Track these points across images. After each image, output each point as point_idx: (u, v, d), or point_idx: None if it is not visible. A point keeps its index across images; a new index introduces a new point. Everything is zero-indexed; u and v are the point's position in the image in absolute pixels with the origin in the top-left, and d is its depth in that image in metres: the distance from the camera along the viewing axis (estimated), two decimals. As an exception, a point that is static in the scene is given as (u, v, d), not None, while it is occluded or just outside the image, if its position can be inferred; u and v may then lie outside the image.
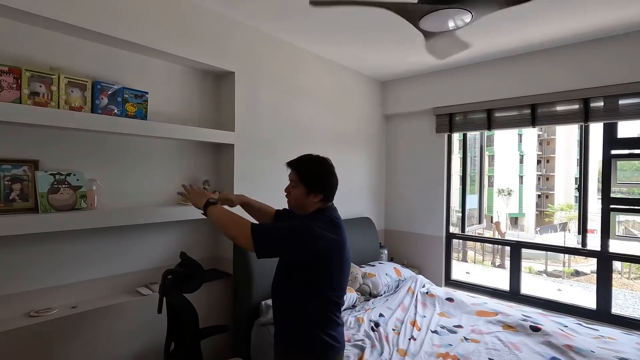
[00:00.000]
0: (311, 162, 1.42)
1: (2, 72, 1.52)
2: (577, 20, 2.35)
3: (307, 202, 1.39)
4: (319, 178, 1.38)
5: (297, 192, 1.39)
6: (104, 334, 1.82)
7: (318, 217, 1.34)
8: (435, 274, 3.55)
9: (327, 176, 1.40)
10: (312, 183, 1.37)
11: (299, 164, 1.42)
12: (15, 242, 1.66)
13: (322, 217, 1.35)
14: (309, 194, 1.37)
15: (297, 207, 1.43)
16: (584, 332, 2.25)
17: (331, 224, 1.33)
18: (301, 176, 1.39)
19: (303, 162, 1.42)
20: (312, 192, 1.37)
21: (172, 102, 2.24)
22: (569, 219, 19.65)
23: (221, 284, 2.36)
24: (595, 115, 2.71)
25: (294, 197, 1.41)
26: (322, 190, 1.38)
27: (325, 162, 1.43)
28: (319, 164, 1.42)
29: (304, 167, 1.40)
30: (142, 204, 2.10)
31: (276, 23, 2.48)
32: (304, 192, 1.37)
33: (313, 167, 1.40)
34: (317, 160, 1.42)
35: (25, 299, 1.69)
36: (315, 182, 1.37)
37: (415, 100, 3.64)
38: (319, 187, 1.37)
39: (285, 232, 1.26)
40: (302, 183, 1.38)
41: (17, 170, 1.64)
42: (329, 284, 1.33)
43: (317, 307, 1.33)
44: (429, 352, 2.02)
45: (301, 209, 1.42)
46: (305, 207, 1.41)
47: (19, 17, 1.60)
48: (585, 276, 12.67)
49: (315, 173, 1.39)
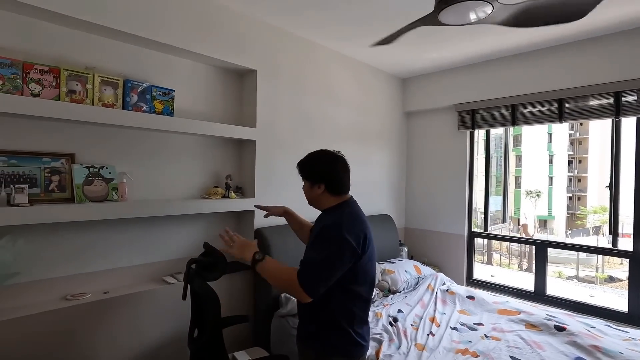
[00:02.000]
0: (308, 155, 1.48)
1: (43, 72, 1.64)
2: (608, 11, 2.27)
3: (315, 195, 1.43)
4: (313, 167, 1.43)
5: (305, 187, 1.46)
6: (132, 319, 1.92)
7: (339, 216, 1.35)
8: (456, 273, 3.49)
9: (321, 164, 1.42)
10: (309, 174, 1.43)
11: (301, 162, 1.48)
12: (53, 230, 1.78)
13: (342, 214, 1.36)
14: (312, 186, 1.42)
15: (311, 202, 1.47)
16: (613, 333, 2.16)
17: (352, 219, 1.35)
18: (301, 171, 1.46)
19: (303, 159, 1.48)
20: (315, 183, 1.41)
21: (197, 100, 2.33)
22: (602, 222, 18.70)
23: (242, 275, 2.43)
24: (627, 110, 2.60)
25: (305, 192, 1.47)
26: (322, 179, 1.40)
27: (320, 152, 1.47)
28: (313, 154, 1.47)
29: (302, 163, 1.47)
30: (169, 197, 2.20)
31: (296, 21, 2.53)
32: (308, 186, 1.44)
33: (307, 159, 1.47)
34: (313, 153, 1.48)
35: (61, 283, 1.82)
36: (312, 172, 1.43)
37: (437, 96, 3.60)
38: (317, 176, 1.41)
39: (327, 262, 1.25)
40: (304, 177, 1.46)
41: (56, 163, 1.77)
42: (354, 278, 1.32)
43: (342, 303, 1.33)
44: (447, 348, 2.01)
45: (317, 203, 1.46)
46: (318, 201, 1.45)
47: (58, 20, 1.72)
48: (621, 282, 12.02)
49: (310, 163, 1.45)
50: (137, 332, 1.94)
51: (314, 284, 1.24)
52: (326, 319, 1.35)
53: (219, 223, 2.48)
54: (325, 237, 1.30)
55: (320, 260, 1.26)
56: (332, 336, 1.34)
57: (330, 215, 1.40)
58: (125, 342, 1.90)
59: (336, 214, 1.38)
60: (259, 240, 2.41)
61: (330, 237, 1.29)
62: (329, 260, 1.25)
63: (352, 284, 1.33)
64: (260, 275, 1.32)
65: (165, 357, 2.04)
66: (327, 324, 1.35)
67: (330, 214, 1.41)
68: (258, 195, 2.48)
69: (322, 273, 1.25)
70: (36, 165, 1.70)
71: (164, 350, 2.04)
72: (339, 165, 1.44)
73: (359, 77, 3.33)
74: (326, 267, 1.25)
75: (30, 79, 1.61)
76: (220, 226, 2.49)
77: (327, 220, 1.37)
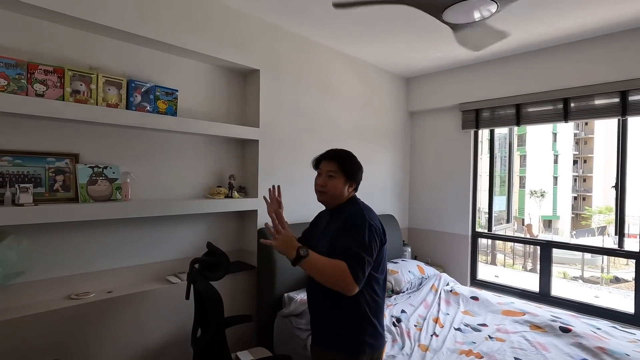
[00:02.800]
0: (348, 153, 1.51)
1: (48, 72, 1.65)
2: (614, 9, 2.24)
3: (344, 191, 1.45)
4: (357, 168, 1.48)
5: (336, 182, 1.44)
6: (135, 318, 1.93)
7: (358, 207, 1.43)
8: (460, 273, 3.48)
9: (361, 167, 1.51)
10: (351, 173, 1.45)
11: (338, 155, 1.49)
12: (58, 230, 1.79)
13: (359, 205, 1.45)
14: (345, 184, 1.45)
15: (333, 197, 1.47)
16: (619, 335, 2.14)
17: (370, 209, 1.46)
18: (342, 166, 1.45)
19: (342, 154, 1.50)
20: (350, 181, 1.45)
21: (200, 100, 2.34)
22: (608, 223, 18.54)
23: (245, 275, 2.43)
24: (633, 109, 2.57)
25: (333, 187, 1.44)
26: (357, 180, 1.48)
27: (350, 152, 1.54)
28: (354, 156, 1.52)
29: (344, 158, 1.48)
30: (172, 197, 2.20)
31: (299, 21, 2.52)
32: (343, 181, 1.44)
33: (352, 158, 1.50)
34: (351, 153, 1.52)
35: (66, 282, 1.83)
36: (354, 172, 1.47)
37: (441, 96, 3.58)
38: (356, 177, 1.47)
39: (366, 248, 1.29)
40: (342, 173, 1.44)
41: (60, 162, 1.78)
42: (377, 266, 1.37)
43: (369, 292, 1.35)
44: (451, 349, 2.00)
45: (337, 198, 1.47)
46: (341, 197, 1.47)
47: (62, 20, 1.73)
48: (626, 283, 11.91)
49: (355, 163, 1.49)
50: (140, 332, 1.95)
51: (362, 272, 1.26)
52: (354, 312, 1.34)
53: (222, 223, 2.48)
54: (356, 224, 1.33)
55: (360, 247, 1.28)
56: (362, 331, 1.34)
57: (347, 208, 1.44)
58: (129, 341, 1.91)
59: (354, 206, 1.44)
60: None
61: (361, 224, 1.32)
62: (369, 246, 1.29)
63: (376, 271, 1.37)
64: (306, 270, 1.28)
65: (168, 357, 2.05)
66: (356, 319, 1.35)
67: (345, 207, 1.45)
68: (261, 195, 2.47)
69: (365, 260, 1.27)
70: (41, 165, 1.71)
71: (167, 350, 2.05)
72: None
73: (362, 76, 3.32)
74: (367, 253, 1.28)
75: (34, 79, 1.61)
76: (224, 226, 2.50)
77: (346, 212, 1.42)
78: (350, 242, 1.30)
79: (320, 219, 1.61)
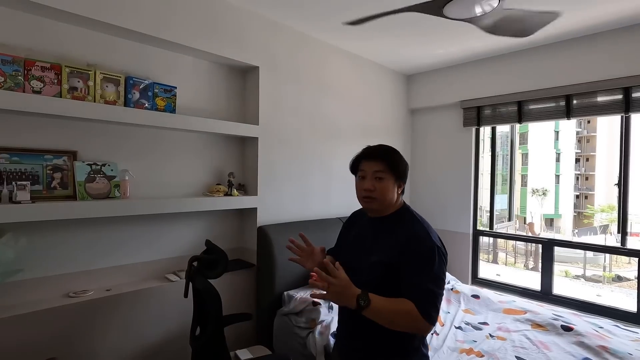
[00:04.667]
0: (393, 149, 1.28)
1: (45, 69, 1.64)
2: (617, 5, 2.21)
3: (394, 195, 1.23)
4: (406, 165, 1.26)
5: (386, 184, 1.21)
6: (134, 316, 1.92)
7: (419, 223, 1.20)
8: (461, 271, 3.46)
9: (407, 164, 1.28)
10: (401, 172, 1.23)
11: (384, 152, 1.25)
12: (56, 227, 1.78)
13: (419, 219, 1.22)
14: (395, 185, 1.23)
15: (383, 203, 1.23)
16: (621, 334, 2.12)
17: (428, 223, 1.23)
18: (391, 165, 1.22)
19: (388, 150, 1.26)
20: (399, 181, 1.24)
21: (199, 97, 2.32)
22: (610, 221, 18.46)
23: (245, 274, 2.42)
24: (637, 106, 2.55)
25: (383, 190, 1.21)
26: (405, 180, 1.26)
27: (390, 146, 1.31)
28: (390, 147, 1.28)
29: (392, 154, 1.25)
30: (171, 195, 2.19)
31: (299, 17, 2.50)
32: (393, 183, 1.22)
33: (399, 154, 1.26)
34: (387, 146, 1.29)
35: (64, 280, 1.82)
36: (404, 170, 1.24)
37: (442, 93, 3.56)
38: (405, 176, 1.25)
39: (439, 281, 1.10)
40: (391, 173, 1.22)
41: (58, 160, 1.77)
42: None
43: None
44: (452, 347, 1.98)
45: (387, 205, 1.24)
46: (392, 202, 1.24)
47: (59, 16, 1.71)
48: (629, 282, 11.86)
49: (403, 160, 1.26)
50: (139, 330, 1.94)
51: (435, 311, 1.07)
52: (399, 342, 1.15)
53: (222, 221, 2.47)
54: (425, 252, 1.11)
55: (432, 282, 1.08)
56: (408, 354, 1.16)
57: (403, 220, 1.22)
58: (128, 339, 1.90)
59: (414, 222, 1.20)
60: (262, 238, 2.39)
61: (430, 251, 1.11)
62: (440, 278, 1.10)
63: None
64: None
65: (167, 355, 2.04)
66: (399, 348, 1.16)
67: (400, 219, 1.23)
68: (261, 193, 2.46)
69: (438, 296, 1.09)
70: (38, 163, 1.70)
71: (166, 348, 2.04)
72: None
73: (363, 73, 3.30)
74: (440, 287, 1.10)
75: (32, 76, 1.60)
76: (223, 224, 2.49)
77: (404, 227, 1.19)
78: (421, 277, 1.08)
79: (361, 225, 1.35)
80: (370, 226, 1.29)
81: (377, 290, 1.07)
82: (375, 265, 1.17)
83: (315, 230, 2.61)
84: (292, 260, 1.28)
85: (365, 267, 1.19)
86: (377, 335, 1.12)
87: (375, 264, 1.17)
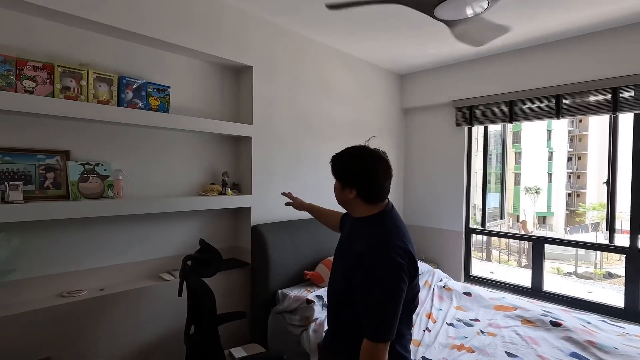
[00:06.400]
0: (344, 151, 1.27)
1: (37, 68, 1.63)
2: (606, 5, 2.25)
3: (346, 199, 1.22)
4: (348, 167, 1.22)
5: (336, 186, 1.26)
6: (128, 316, 1.93)
7: (381, 234, 1.14)
8: (454, 269, 3.50)
9: (359, 165, 1.20)
10: (342, 174, 1.23)
11: (334, 158, 1.28)
12: (49, 227, 1.78)
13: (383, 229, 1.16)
14: (343, 189, 1.22)
15: (341, 204, 1.28)
16: (608, 329, 2.17)
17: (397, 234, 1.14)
18: (334, 167, 1.26)
19: (337, 156, 1.27)
20: (346, 186, 1.20)
21: (193, 96, 2.32)
22: (601, 219, 18.73)
23: (239, 272, 2.43)
24: (625, 106, 2.60)
25: (335, 191, 1.27)
26: (355, 184, 1.19)
27: (362, 149, 1.24)
28: (353, 151, 1.25)
29: (337, 157, 1.27)
30: (165, 194, 2.19)
31: (293, 17, 2.51)
32: (339, 186, 1.24)
33: (345, 156, 1.25)
34: (354, 149, 1.25)
35: (57, 280, 1.82)
36: (345, 172, 1.22)
37: (435, 93, 3.59)
38: (348, 179, 1.20)
39: (392, 308, 1.06)
40: (335, 175, 1.26)
41: (51, 160, 1.76)
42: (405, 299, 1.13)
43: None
44: (443, 344, 2.02)
45: (346, 206, 1.27)
46: (349, 205, 1.25)
47: (51, 16, 1.71)
48: (619, 278, 12.05)
49: (345, 161, 1.23)
50: (133, 329, 1.95)
51: (390, 330, 1.06)
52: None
53: (216, 220, 2.48)
54: (375, 270, 1.07)
55: (383, 305, 1.06)
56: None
57: (367, 230, 1.18)
58: (122, 338, 1.91)
59: (376, 230, 1.16)
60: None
61: (380, 269, 1.06)
62: (395, 293, 1.06)
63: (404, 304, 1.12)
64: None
65: (161, 354, 2.05)
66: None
67: (366, 228, 1.19)
68: (255, 192, 2.48)
69: (393, 315, 1.06)
70: (31, 163, 1.70)
71: (161, 346, 2.04)
72: (381, 169, 1.20)
73: (356, 73, 3.32)
74: (394, 304, 1.06)
75: (24, 76, 1.60)
76: (217, 223, 2.49)
77: (363, 238, 1.16)
78: (371, 301, 1.06)
79: (346, 222, 1.39)
80: (349, 224, 1.32)
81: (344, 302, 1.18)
82: (340, 279, 1.22)
83: (309, 229, 2.64)
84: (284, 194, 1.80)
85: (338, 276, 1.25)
86: (356, 339, 1.10)
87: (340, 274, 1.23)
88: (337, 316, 1.28)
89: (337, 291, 1.26)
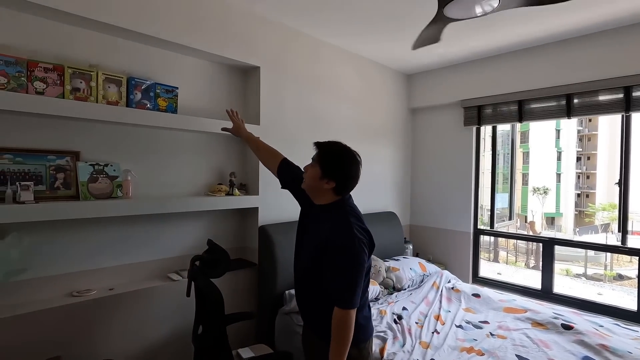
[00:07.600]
0: (335, 145, 1.39)
1: (48, 70, 1.65)
2: (618, 4, 2.21)
3: (319, 186, 1.35)
4: (336, 163, 1.34)
5: (313, 172, 1.36)
6: (137, 315, 1.94)
7: (344, 216, 1.33)
8: (462, 270, 3.47)
9: (345, 164, 1.35)
10: (328, 166, 1.34)
11: (323, 144, 1.40)
12: (59, 227, 1.79)
13: (345, 213, 1.34)
14: (322, 177, 1.34)
15: (310, 188, 1.40)
16: (622, 332, 2.13)
17: (356, 215, 1.36)
18: (320, 156, 1.37)
19: (327, 144, 1.40)
20: (326, 176, 1.33)
21: (201, 97, 2.33)
22: (612, 220, 18.44)
23: (246, 273, 2.43)
24: (637, 105, 2.55)
25: (309, 176, 1.38)
26: (336, 178, 1.33)
27: (348, 151, 1.39)
28: (341, 149, 1.38)
29: (326, 148, 1.38)
30: (173, 194, 2.20)
31: (301, 18, 2.51)
32: (318, 173, 1.34)
33: (333, 150, 1.38)
34: (341, 147, 1.39)
35: (67, 280, 1.83)
36: (331, 166, 1.34)
37: (442, 92, 3.56)
38: (333, 172, 1.33)
39: (357, 277, 1.26)
40: (318, 163, 1.35)
41: (61, 160, 1.78)
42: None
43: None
44: (452, 346, 1.99)
45: (313, 192, 1.40)
46: (317, 191, 1.38)
47: (61, 17, 1.72)
48: (630, 280, 11.85)
49: (334, 156, 1.36)
50: (142, 329, 1.96)
51: (356, 297, 1.25)
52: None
53: (223, 220, 2.48)
54: (342, 249, 1.26)
55: (354, 277, 1.25)
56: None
57: (331, 214, 1.35)
58: (131, 337, 1.92)
59: (338, 213, 1.34)
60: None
61: (347, 247, 1.25)
62: (359, 265, 1.26)
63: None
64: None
65: (169, 354, 2.06)
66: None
67: (329, 213, 1.36)
68: (262, 193, 2.47)
69: (357, 284, 1.25)
70: (41, 163, 1.72)
71: (169, 347, 2.05)
72: (358, 170, 1.38)
73: (363, 73, 3.30)
74: (358, 275, 1.26)
75: (34, 77, 1.61)
76: (225, 224, 2.50)
77: (327, 222, 1.33)
78: (339, 272, 1.26)
79: (312, 208, 1.47)
80: (316, 212, 1.43)
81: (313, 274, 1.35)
82: (307, 258, 1.39)
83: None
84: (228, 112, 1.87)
85: (304, 255, 1.42)
86: (325, 312, 1.27)
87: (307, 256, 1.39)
88: (305, 297, 1.45)
89: (306, 270, 1.42)
